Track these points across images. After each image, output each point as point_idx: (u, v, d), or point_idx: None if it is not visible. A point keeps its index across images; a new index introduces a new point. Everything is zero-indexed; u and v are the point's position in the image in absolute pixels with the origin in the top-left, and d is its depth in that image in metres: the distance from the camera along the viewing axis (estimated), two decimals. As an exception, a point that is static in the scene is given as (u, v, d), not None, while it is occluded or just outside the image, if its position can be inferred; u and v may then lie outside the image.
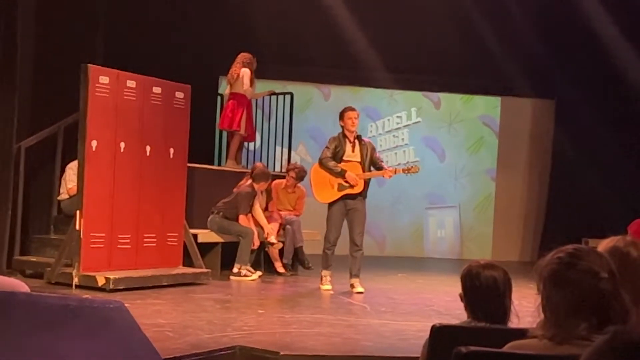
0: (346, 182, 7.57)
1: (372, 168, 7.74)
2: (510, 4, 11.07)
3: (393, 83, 12.02)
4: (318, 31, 10.82)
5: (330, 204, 7.69)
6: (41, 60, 8.17)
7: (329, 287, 7.74)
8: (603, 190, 10.97)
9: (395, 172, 7.73)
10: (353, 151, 7.68)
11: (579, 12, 10.68)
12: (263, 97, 10.33)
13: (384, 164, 7.99)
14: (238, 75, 9.44)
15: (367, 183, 7.70)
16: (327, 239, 7.71)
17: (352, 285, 7.66)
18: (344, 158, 7.64)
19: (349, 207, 7.65)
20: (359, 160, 7.65)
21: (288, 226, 9.06)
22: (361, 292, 7.56)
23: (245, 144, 10.19)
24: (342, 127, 7.71)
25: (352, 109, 7.76)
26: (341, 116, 7.74)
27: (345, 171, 7.58)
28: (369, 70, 11.57)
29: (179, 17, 10.04)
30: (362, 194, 7.67)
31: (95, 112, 7.14)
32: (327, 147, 7.75)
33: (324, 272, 7.79)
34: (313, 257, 9.26)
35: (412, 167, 7.89)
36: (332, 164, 7.62)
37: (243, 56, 9.52)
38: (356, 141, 7.71)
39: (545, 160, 12.66)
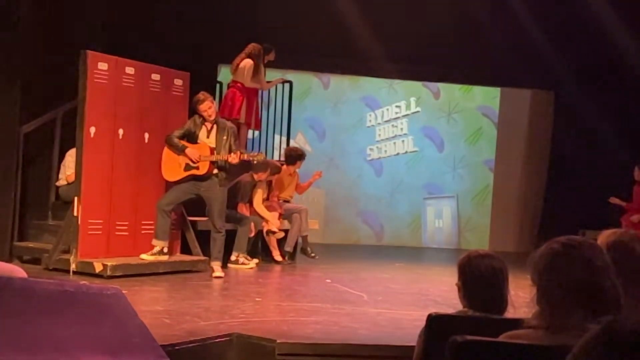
0: (192, 161, 7.44)
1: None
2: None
3: (392, 72, 11.97)
4: (318, 20, 10.78)
5: (176, 183, 7.56)
6: (40, 45, 8.15)
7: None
8: (601, 182, 10.96)
9: (239, 158, 7.44)
10: (208, 137, 7.56)
11: (579, 3, 10.64)
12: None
13: (240, 151, 7.59)
14: (237, 65, 9.38)
15: (224, 167, 7.49)
16: (160, 200, 7.49)
17: (211, 269, 7.47)
18: (198, 142, 7.53)
19: (202, 189, 7.53)
20: (214, 146, 7.51)
21: (295, 214, 9.04)
22: (220, 277, 7.33)
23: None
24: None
25: (204, 101, 7.47)
26: (196, 108, 7.54)
27: (186, 147, 7.47)
28: (369, 60, 11.53)
29: (179, 4, 10.00)
30: (218, 177, 7.50)
31: (93, 99, 7.14)
32: (181, 127, 7.60)
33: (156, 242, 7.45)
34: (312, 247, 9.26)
35: (257, 154, 7.71)
36: (175, 141, 7.49)
37: (251, 47, 9.40)
38: (214, 126, 7.57)
39: (544, 151, 12.64)
